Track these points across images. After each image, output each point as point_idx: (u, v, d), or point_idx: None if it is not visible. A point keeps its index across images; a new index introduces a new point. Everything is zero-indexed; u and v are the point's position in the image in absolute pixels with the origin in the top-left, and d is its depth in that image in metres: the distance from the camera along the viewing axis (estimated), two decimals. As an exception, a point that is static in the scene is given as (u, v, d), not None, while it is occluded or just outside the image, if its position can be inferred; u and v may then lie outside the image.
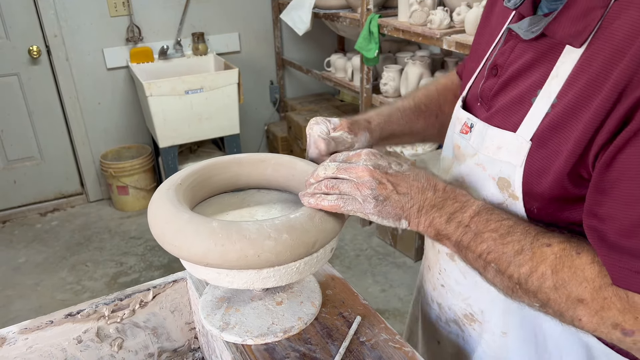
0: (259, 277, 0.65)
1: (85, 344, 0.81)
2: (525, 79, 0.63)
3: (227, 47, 3.36)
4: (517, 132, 0.62)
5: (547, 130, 0.59)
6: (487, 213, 0.61)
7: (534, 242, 0.58)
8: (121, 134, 3.29)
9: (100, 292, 2.49)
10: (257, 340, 0.71)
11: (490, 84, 0.69)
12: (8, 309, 2.41)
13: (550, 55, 0.60)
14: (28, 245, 2.92)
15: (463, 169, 0.72)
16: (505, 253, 0.59)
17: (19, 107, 3.02)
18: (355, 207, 0.63)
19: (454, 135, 0.75)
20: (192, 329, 0.91)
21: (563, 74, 0.58)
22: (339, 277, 0.85)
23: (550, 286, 0.56)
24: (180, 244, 0.62)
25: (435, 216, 0.62)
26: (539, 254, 0.57)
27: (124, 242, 2.91)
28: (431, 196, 0.62)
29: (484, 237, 0.60)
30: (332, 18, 2.79)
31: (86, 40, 3.01)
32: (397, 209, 0.62)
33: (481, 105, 0.71)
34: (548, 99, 0.59)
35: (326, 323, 0.75)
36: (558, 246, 0.57)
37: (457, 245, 0.63)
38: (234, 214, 0.77)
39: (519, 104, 0.63)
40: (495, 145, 0.65)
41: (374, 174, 0.61)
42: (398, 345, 0.70)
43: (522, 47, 0.65)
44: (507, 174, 0.64)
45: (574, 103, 0.56)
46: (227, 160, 0.80)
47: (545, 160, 0.59)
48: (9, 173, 3.13)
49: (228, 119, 2.95)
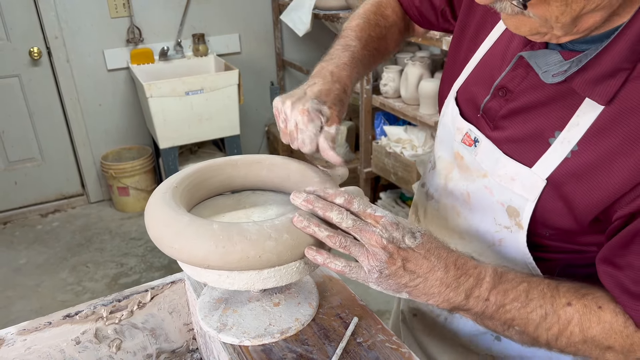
0: (260, 278, 0.65)
1: (84, 345, 0.82)
2: (541, 116, 0.64)
3: (227, 48, 3.36)
4: (532, 168, 0.64)
5: (566, 175, 0.61)
6: (501, 283, 0.62)
7: (554, 303, 0.61)
8: (122, 135, 3.30)
9: (100, 293, 2.50)
10: (255, 341, 0.72)
11: (496, 105, 0.69)
12: (9, 310, 2.42)
13: (570, 100, 0.61)
14: (29, 246, 2.93)
15: (470, 186, 0.73)
16: (531, 319, 0.62)
17: (19, 108, 3.02)
18: (359, 275, 0.62)
19: (454, 143, 0.75)
20: (190, 330, 0.91)
21: (585, 123, 0.59)
22: (336, 278, 0.86)
23: (580, 341, 0.61)
24: (180, 247, 0.62)
25: (451, 295, 0.62)
26: (563, 316, 0.61)
27: (125, 243, 2.91)
28: (442, 276, 0.61)
29: (506, 308, 0.62)
30: (332, 19, 2.80)
31: (87, 42, 3.01)
32: (399, 284, 0.61)
33: (483, 119, 0.71)
34: (568, 145, 0.60)
35: (323, 324, 0.75)
36: (578, 304, 0.61)
37: (477, 315, 0.64)
38: (230, 215, 0.77)
39: (535, 140, 0.64)
40: (509, 176, 0.66)
41: (386, 247, 0.60)
42: (395, 346, 0.70)
43: (537, 80, 0.64)
44: (518, 205, 0.66)
45: (600, 159, 0.58)
46: (221, 162, 0.80)
47: (563, 202, 0.62)
48: (9, 174, 3.13)
49: (228, 120, 2.95)
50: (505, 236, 0.70)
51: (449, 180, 0.78)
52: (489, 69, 0.72)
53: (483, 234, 0.74)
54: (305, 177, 0.76)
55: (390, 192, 2.94)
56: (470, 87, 0.75)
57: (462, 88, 0.77)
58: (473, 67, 0.76)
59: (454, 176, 0.76)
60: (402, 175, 2.53)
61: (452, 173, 0.77)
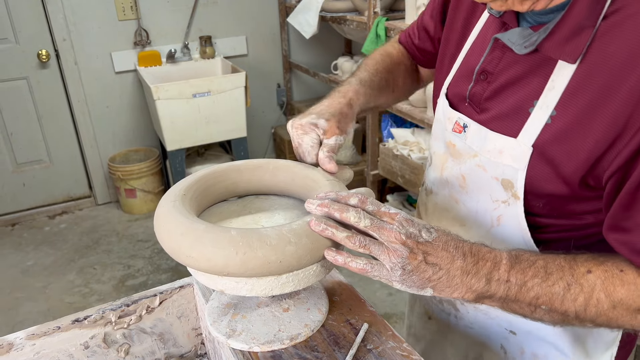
0: (279, 283, 0.65)
1: (92, 349, 0.82)
2: (520, 88, 0.67)
3: (234, 50, 3.36)
4: (517, 138, 0.66)
5: (549, 139, 0.64)
6: (517, 262, 0.63)
7: (574, 274, 0.62)
8: (129, 137, 3.31)
9: (108, 295, 2.50)
10: (264, 347, 0.71)
11: (480, 89, 0.73)
12: (17, 312, 2.43)
13: (544, 68, 0.65)
14: (37, 247, 2.94)
15: (462, 168, 0.76)
16: (555, 293, 0.62)
17: (28, 110, 3.04)
18: (382, 274, 0.62)
19: (446, 133, 0.78)
20: (198, 334, 0.91)
21: (559, 86, 0.62)
22: (345, 283, 0.85)
23: (609, 307, 0.61)
24: (198, 256, 0.61)
25: (473, 282, 0.62)
26: (586, 284, 0.61)
27: (132, 245, 2.92)
28: (461, 264, 0.62)
29: (528, 286, 0.62)
30: (339, 21, 2.79)
31: (94, 44, 3.03)
32: (423, 279, 0.61)
33: (470, 106, 0.75)
34: (546, 110, 0.64)
35: (333, 330, 0.74)
36: (599, 270, 0.61)
37: (502, 300, 0.64)
38: (237, 221, 0.76)
39: (517, 112, 0.67)
40: (498, 150, 0.69)
41: (406, 242, 0.60)
42: (406, 353, 0.70)
43: (513, 57, 0.68)
44: (510, 176, 0.68)
45: (579, 116, 0.61)
46: (225, 168, 0.79)
47: (550, 166, 0.64)
48: (18, 176, 3.15)
49: (235, 122, 2.95)
50: (504, 212, 0.72)
51: (444, 170, 0.80)
52: (472, 61, 0.76)
53: (482, 216, 0.75)
54: (311, 180, 0.76)
55: (397, 195, 2.93)
56: (457, 81, 0.79)
57: (451, 84, 0.80)
58: (460, 63, 0.80)
59: (449, 165, 0.79)
60: (409, 177, 2.52)
61: (447, 163, 0.79)
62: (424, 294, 0.64)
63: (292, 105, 3.66)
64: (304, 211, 0.79)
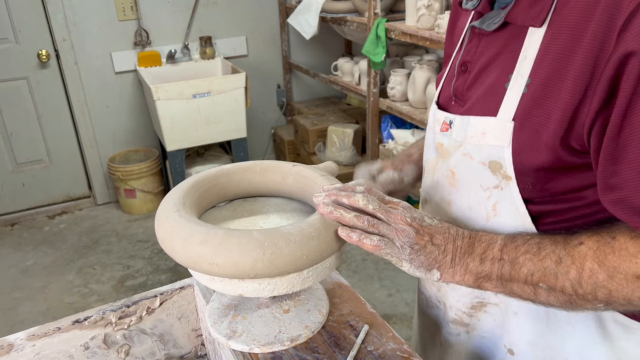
0: (300, 279, 0.66)
1: (93, 350, 0.82)
2: (495, 68, 0.67)
3: (234, 51, 3.36)
4: (497, 115, 0.65)
5: (527, 107, 0.62)
6: (512, 241, 0.64)
7: (566, 246, 0.60)
8: (129, 137, 3.31)
9: (107, 296, 2.50)
10: (264, 348, 0.71)
11: (461, 81, 0.73)
12: (16, 312, 2.42)
13: (515, 42, 0.65)
14: (36, 247, 2.94)
15: (450, 163, 0.75)
16: (547, 267, 0.60)
17: (28, 110, 3.04)
18: (393, 251, 0.64)
19: (435, 135, 0.78)
20: (199, 335, 0.91)
21: (531, 55, 0.62)
22: (346, 285, 0.85)
23: (605, 278, 0.57)
24: (223, 262, 0.60)
25: (468, 261, 0.64)
26: (577, 255, 0.59)
27: (131, 245, 2.92)
28: (460, 244, 0.65)
29: (520, 261, 0.62)
30: (339, 22, 2.79)
31: (95, 44, 3.03)
32: (430, 259, 0.64)
33: (456, 102, 0.75)
34: (521, 80, 0.63)
35: (333, 331, 0.74)
36: (590, 240, 0.59)
37: (499, 280, 0.64)
38: (234, 226, 0.76)
39: (494, 91, 0.67)
40: (480, 132, 0.68)
41: (412, 224, 0.64)
42: (406, 354, 0.70)
43: (487, 40, 0.69)
44: (497, 156, 0.66)
45: (549, 77, 0.60)
46: (214, 173, 0.79)
47: (532, 135, 0.62)
48: (18, 176, 3.15)
49: (235, 123, 2.95)
50: (498, 199, 0.69)
51: (434, 172, 0.80)
52: (455, 60, 0.77)
53: (476, 209, 0.73)
54: (303, 177, 0.77)
55: (397, 196, 2.93)
56: (446, 84, 0.79)
57: (442, 88, 0.81)
58: (449, 66, 0.81)
59: (438, 166, 0.78)
60: (409, 178, 2.52)
61: (437, 165, 0.79)
62: (431, 278, 0.65)
63: (292, 105, 3.66)
64: (298, 210, 0.79)
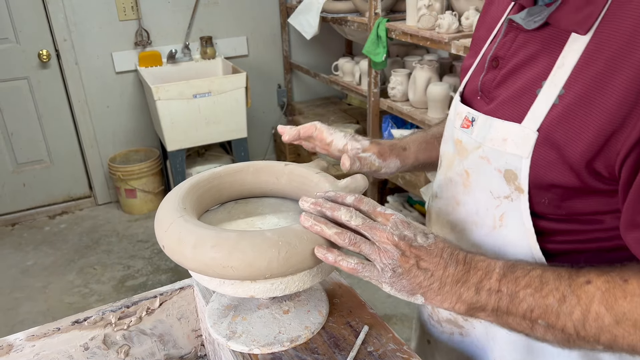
0: (310, 276, 0.66)
1: (92, 351, 0.81)
2: (529, 70, 0.62)
3: (235, 51, 3.36)
4: (522, 123, 0.61)
5: (555, 120, 0.57)
6: (512, 271, 0.59)
7: (571, 284, 0.55)
8: (129, 137, 3.31)
9: (107, 296, 2.50)
10: (264, 349, 0.71)
11: (491, 77, 0.68)
12: (16, 312, 2.42)
13: (554, 45, 0.59)
14: (37, 247, 2.94)
15: (466, 163, 0.71)
16: (549, 305, 0.56)
17: (28, 110, 3.04)
18: (372, 274, 0.60)
19: (455, 130, 0.74)
20: (198, 336, 0.91)
21: (569, 63, 0.57)
22: (346, 285, 0.85)
23: (612, 322, 0.53)
24: (238, 264, 0.60)
25: (462, 291, 0.59)
26: (583, 295, 0.54)
27: (132, 245, 2.92)
28: (453, 271, 0.59)
29: (520, 296, 0.57)
30: (340, 22, 2.79)
31: (95, 44, 3.03)
32: (413, 284, 0.60)
33: (481, 98, 0.70)
34: (554, 89, 0.58)
35: (333, 332, 0.74)
36: (599, 280, 0.54)
37: (495, 313, 0.59)
38: (232, 227, 0.76)
39: (523, 95, 0.62)
40: (501, 137, 0.64)
41: (398, 244, 0.59)
42: (406, 355, 0.70)
43: (524, 37, 0.64)
44: (514, 166, 0.62)
45: (587, 91, 0.55)
46: (207, 176, 0.79)
47: (555, 151, 0.58)
48: (18, 176, 3.15)
49: (236, 123, 2.95)
50: (506, 209, 0.65)
51: (449, 169, 0.76)
52: (488, 51, 0.72)
53: (483, 216, 0.70)
54: (297, 175, 0.77)
55: (397, 196, 2.93)
56: (474, 75, 0.75)
57: (469, 79, 0.76)
58: (480, 57, 0.76)
59: (454, 164, 0.74)
60: (410, 178, 2.52)
61: (454, 162, 0.75)
62: (415, 301, 0.61)
63: (293, 105, 3.66)
64: (293, 209, 0.79)
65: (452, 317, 0.79)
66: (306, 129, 0.83)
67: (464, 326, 0.78)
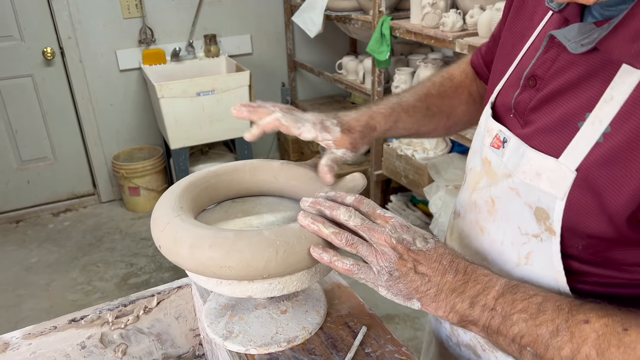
0: (308, 276, 0.65)
1: (89, 349, 0.81)
2: (571, 97, 0.56)
3: (239, 49, 3.36)
4: (559, 158, 0.55)
5: (598, 162, 0.52)
6: (512, 292, 0.56)
7: (569, 319, 0.52)
8: (133, 135, 3.31)
9: (110, 293, 2.51)
10: (261, 349, 0.70)
11: (526, 97, 0.62)
12: (20, 309, 2.43)
13: (603, 74, 0.52)
14: (40, 245, 2.94)
15: (494, 190, 0.66)
16: (540, 335, 0.53)
17: (32, 108, 3.05)
18: (368, 276, 0.59)
19: (484, 148, 0.69)
20: (196, 335, 0.90)
21: (619, 97, 0.50)
22: (345, 286, 0.84)
23: None
24: (236, 264, 0.59)
25: (456, 301, 0.57)
26: (578, 334, 0.51)
27: (135, 243, 2.92)
28: (451, 279, 0.58)
29: (513, 319, 0.55)
30: (343, 20, 2.78)
31: (99, 42, 3.03)
32: (410, 288, 0.58)
33: (515, 117, 0.64)
34: (599, 126, 0.52)
35: (331, 333, 0.73)
36: (598, 322, 0.51)
37: (485, 330, 0.57)
38: (229, 227, 0.75)
39: (563, 126, 0.56)
40: (534, 171, 0.58)
41: (396, 247, 0.58)
42: (404, 357, 0.69)
43: (567, 58, 0.57)
44: (546, 205, 0.57)
45: (636, 136, 0.49)
46: (204, 175, 0.78)
47: (594, 197, 0.52)
48: (22, 173, 3.16)
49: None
50: (534, 249, 0.61)
51: (475, 190, 0.71)
52: (524, 65, 0.66)
53: (508, 250, 0.65)
54: (296, 175, 0.76)
55: (400, 195, 2.92)
56: (507, 89, 0.69)
57: (501, 92, 0.70)
58: (513, 68, 0.70)
59: (481, 185, 0.69)
60: (413, 178, 2.51)
61: (480, 183, 0.70)
62: (411, 306, 0.60)
63: (297, 104, 3.65)
64: (290, 208, 0.78)
65: (472, 344, 0.75)
66: (271, 125, 0.74)
67: (482, 356, 0.74)
